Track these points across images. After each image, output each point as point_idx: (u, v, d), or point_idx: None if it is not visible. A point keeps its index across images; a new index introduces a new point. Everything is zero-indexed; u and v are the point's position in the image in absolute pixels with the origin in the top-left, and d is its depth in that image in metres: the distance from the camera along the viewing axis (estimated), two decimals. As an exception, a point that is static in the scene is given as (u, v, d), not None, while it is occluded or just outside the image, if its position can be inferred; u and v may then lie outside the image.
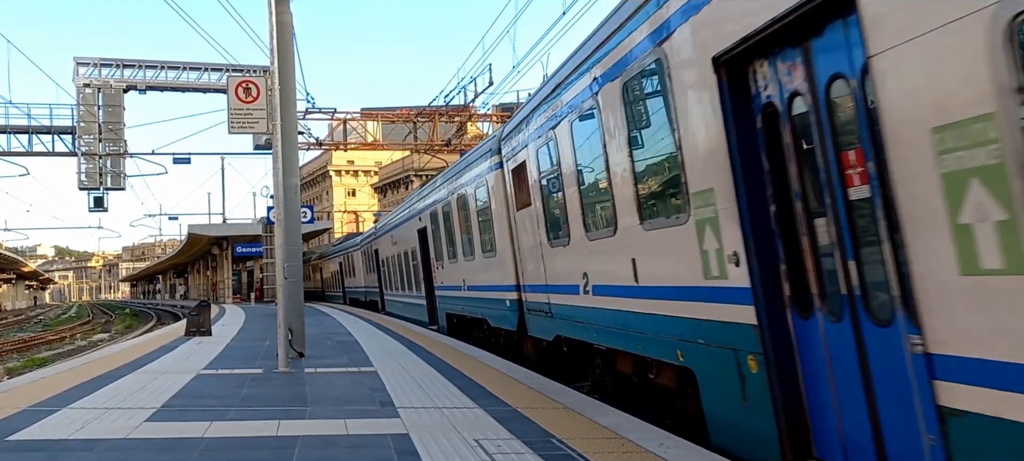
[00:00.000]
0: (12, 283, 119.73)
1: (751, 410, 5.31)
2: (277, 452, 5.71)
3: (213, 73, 35.82)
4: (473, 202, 13.73)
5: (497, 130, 14.33)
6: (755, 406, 5.25)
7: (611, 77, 7.21)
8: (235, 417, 7.20)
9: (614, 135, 7.33)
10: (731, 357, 5.48)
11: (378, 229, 29.78)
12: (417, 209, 19.71)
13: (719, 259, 5.50)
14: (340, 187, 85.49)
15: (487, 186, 12.62)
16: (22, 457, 5.67)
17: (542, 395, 7.95)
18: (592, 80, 7.69)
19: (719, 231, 5.47)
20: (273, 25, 11.68)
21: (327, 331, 18.11)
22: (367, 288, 33.01)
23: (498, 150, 12.03)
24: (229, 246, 48.61)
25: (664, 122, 6.25)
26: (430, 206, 17.78)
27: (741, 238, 5.18)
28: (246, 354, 13.13)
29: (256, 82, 12.27)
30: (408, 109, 37.25)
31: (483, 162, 12.84)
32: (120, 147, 35.46)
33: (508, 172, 11.47)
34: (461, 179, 14.64)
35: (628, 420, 6.58)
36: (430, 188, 18.33)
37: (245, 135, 14.95)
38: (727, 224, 5.36)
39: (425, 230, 18.64)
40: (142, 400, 8.17)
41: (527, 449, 5.61)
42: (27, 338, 36.95)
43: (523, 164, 10.59)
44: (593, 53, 7.65)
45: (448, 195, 15.79)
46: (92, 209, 36.14)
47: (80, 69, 35.35)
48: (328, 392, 8.68)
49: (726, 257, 5.39)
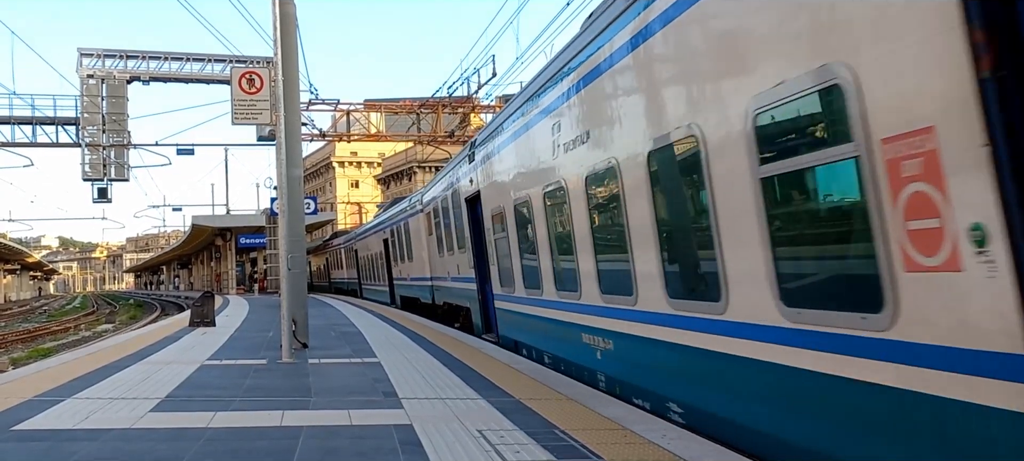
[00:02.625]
0: (16, 274, 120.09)
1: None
2: (281, 442, 5.72)
3: (216, 64, 35.78)
4: (410, 228, 23.59)
5: (421, 191, 23.45)
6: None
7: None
8: (239, 407, 7.22)
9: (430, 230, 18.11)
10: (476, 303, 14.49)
11: (355, 234, 41.74)
12: (381, 225, 30.83)
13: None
14: (343, 178, 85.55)
15: (417, 220, 22.21)
16: (28, 447, 5.69)
17: (545, 386, 7.96)
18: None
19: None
20: (276, 16, 11.67)
21: (330, 322, 18.15)
22: (349, 279, 43.69)
23: (421, 203, 21.40)
24: (233, 237, 48.67)
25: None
26: (389, 224, 28.49)
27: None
28: (250, 345, 13.17)
29: (260, 73, 12.27)
30: (411, 100, 37.19)
31: (413, 208, 22.86)
32: (124, 138, 35.47)
33: (426, 214, 20.48)
34: (403, 214, 25.24)
35: (631, 411, 6.58)
36: (389, 213, 29.58)
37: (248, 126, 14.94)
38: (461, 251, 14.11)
39: (387, 240, 28.78)
40: (146, 390, 8.20)
41: (530, 440, 5.62)
42: (32, 329, 37.11)
43: (432, 211, 19.24)
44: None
45: (399, 220, 26.07)
46: (96, 200, 36.16)
47: (84, 60, 35.35)
48: (332, 383, 8.70)
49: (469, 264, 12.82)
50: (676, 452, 5.16)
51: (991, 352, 3.38)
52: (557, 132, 8.65)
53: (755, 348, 5.12)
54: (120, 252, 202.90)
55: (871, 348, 4.05)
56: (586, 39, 7.75)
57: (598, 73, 7.38)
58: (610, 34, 7.02)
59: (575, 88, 8.03)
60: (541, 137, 9.28)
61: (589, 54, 7.60)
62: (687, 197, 6.05)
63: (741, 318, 5.27)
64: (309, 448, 5.55)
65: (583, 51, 7.80)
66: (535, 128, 9.56)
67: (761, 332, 5.05)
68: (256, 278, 48.80)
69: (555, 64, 8.83)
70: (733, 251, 5.30)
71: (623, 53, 6.77)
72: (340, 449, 5.53)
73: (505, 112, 11.44)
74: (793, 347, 4.73)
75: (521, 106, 10.25)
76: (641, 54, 6.44)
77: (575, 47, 8.11)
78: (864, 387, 4.14)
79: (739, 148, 5.02)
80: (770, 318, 4.91)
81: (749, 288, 5.14)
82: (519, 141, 10.40)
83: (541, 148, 9.32)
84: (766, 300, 4.92)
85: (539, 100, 9.31)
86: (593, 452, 5.24)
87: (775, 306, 4.85)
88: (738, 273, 5.27)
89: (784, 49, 4.57)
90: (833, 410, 4.42)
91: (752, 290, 5.08)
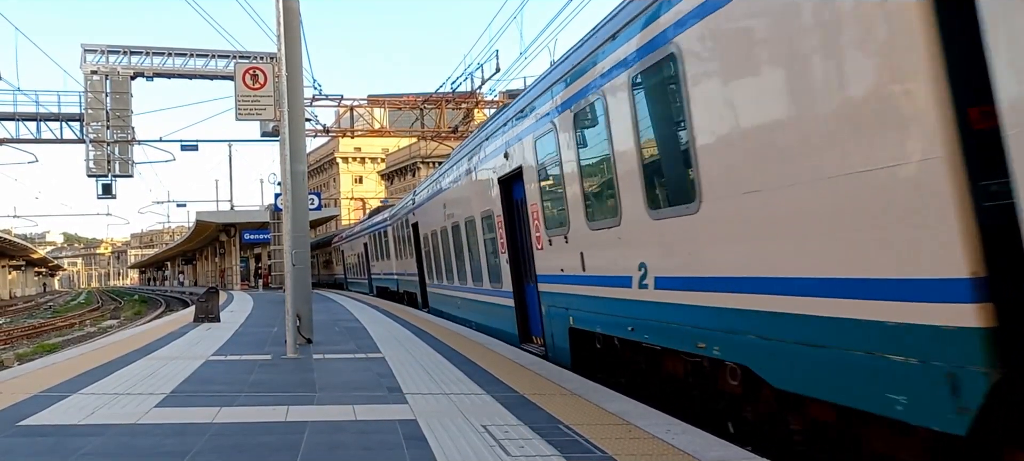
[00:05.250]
0: (21, 270, 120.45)
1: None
2: (286, 437, 5.74)
3: (220, 60, 35.79)
4: (382, 236, 30.99)
5: (389, 211, 30.67)
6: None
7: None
8: (244, 403, 7.24)
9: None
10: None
11: (342, 235, 48.88)
12: (366, 230, 36.96)
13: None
14: (347, 174, 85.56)
15: (388, 231, 29.08)
16: (33, 442, 5.71)
17: (549, 381, 7.97)
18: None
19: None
20: (280, 11, 11.67)
21: (334, 317, 18.18)
22: (335, 276, 51.88)
23: (390, 219, 28.84)
24: (237, 233, 48.75)
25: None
26: (371, 229, 34.84)
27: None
28: (254, 340, 13.20)
29: (263, 69, 12.27)
30: (415, 96, 37.15)
31: (384, 221, 30.38)
32: (128, 134, 35.52)
33: (392, 228, 27.95)
34: (379, 225, 32.37)
35: (635, 406, 6.58)
36: (372, 221, 36.01)
37: (252, 122, 14.95)
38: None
39: (367, 243, 36.06)
40: (152, 386, 8.23)
41: (534, 435, 5.63)
42: (37, 324, 37.21)
43: (396, 225, 27.18)
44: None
45: (376, 228, 33.12)
46: (100, 196, 36.18)
47: (87, 56, 35.37)
48: (336, 378, 8.72)
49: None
50: (680, 446, 5.16)
51: None
52: (444, 205, 16.97)
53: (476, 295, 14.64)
54: (125, 248, 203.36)
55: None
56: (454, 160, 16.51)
57: (439, 191, 17.58)
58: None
59: (438, 188, 17.82)
60: (436, 206, 17.98)
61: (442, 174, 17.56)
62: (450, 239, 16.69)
63: (479, 287, 14.34)
64: (314, 443, 5.56)
65: (446, 173, 17.11)
66: (434, 198, 18.24)
67: (473, 291, 15.12)
68: (260, 274, 48.92)
69: (438, 175, 18.38)
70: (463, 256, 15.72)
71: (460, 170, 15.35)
72: (345, 444, 5.54)
73: (427, 182, 20.09)
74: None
75: (430, 185, 19.27)
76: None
77: (445, 168, 17.48)
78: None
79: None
80: (466, 285, 15.57)
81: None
82: (430, 200, 18.81)
83: (437, 207, 17.82)
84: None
85: (437, 183, 18.03)
86: (597, 447, 5.24)
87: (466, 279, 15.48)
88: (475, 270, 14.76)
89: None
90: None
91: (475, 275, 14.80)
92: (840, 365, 4.51)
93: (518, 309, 11.99)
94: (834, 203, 4.44)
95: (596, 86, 7.63)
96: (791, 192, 4.79)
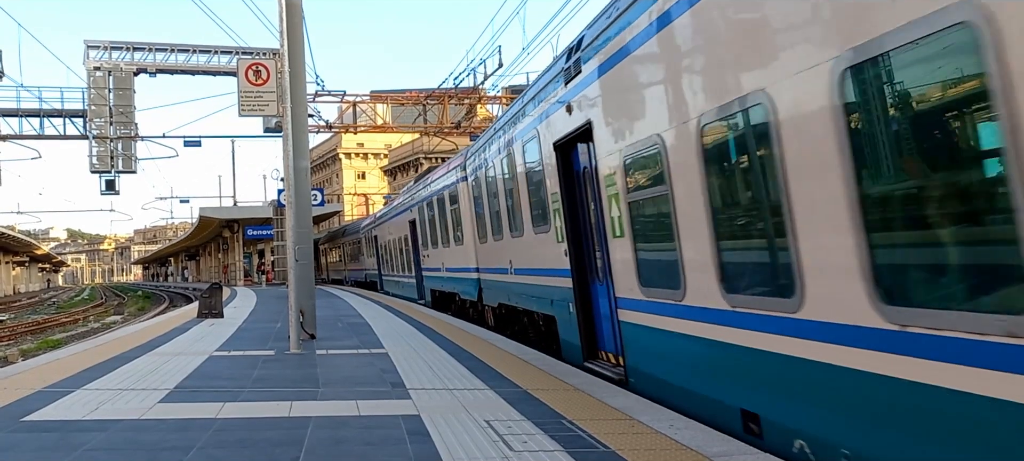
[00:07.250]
0: (25, 266, 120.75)
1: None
2: (290, 433, 5.75)
3: (223, 56, 35.84)
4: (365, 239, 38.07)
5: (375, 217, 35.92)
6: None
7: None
8: (248, 398, 7.25)
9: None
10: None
11: (334, 233, 54.44)
12: (360, 230, 41.40)
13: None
14: (350, 170, 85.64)
15: (368, 236, 36.39)
16: (37, 437, 5.73)
17: (552, 377, 7.97)
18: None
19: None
20: (282, 7, 11.67)
21: (338, 313, 18.20)
22: (334, 272, 54.91)
23: (375, 222, 34.79)
24: (240, 229, 48.86)
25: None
26: (365, 230, 38.62)
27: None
28: (258, 336, 13.22)
29: (266, 65, 12.29)
30: (418, 91, 37.19)
31: (365, 229, 38.23)
32: (131, 130, 35.58)
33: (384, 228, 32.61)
34: (366, 229, 38.41)
35: (638, 401, 6.58)
36: (366, 221, 40.42)
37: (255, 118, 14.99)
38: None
39: (356, 244, 41.94)
40: (155, 381, 8.24)
41: (538, 430, 5.64)
42: (41, 320, 37.33)
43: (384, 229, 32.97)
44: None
45: (366, 230, 38.17)
46: (104, 192, 36.27)
47: (90, 52, 35.42)
48: (339, 373, 8.73)
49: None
50: (683, 441, 5.16)
51: None
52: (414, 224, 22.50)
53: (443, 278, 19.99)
54: (128, 244, 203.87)
55: None
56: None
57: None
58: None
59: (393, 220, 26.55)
60: (397, 225, 23.22)
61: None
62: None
63: (448, 265, 18.73)
64: (318, 438, 5.57)
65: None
66: (393, 218, 24.25)
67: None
68: (263, 269, 49.00)
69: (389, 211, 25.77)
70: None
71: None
72: (348, 439, 5.55)
73: (387, 210, 24.95)
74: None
75: (383, 214, 26.05)
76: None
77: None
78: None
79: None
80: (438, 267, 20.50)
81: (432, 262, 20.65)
82: (389, 220, 24.65)
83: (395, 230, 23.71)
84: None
85: (391, 214, 24.92)
86: (600, 442, 5.25)
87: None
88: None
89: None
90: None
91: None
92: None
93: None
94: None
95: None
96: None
